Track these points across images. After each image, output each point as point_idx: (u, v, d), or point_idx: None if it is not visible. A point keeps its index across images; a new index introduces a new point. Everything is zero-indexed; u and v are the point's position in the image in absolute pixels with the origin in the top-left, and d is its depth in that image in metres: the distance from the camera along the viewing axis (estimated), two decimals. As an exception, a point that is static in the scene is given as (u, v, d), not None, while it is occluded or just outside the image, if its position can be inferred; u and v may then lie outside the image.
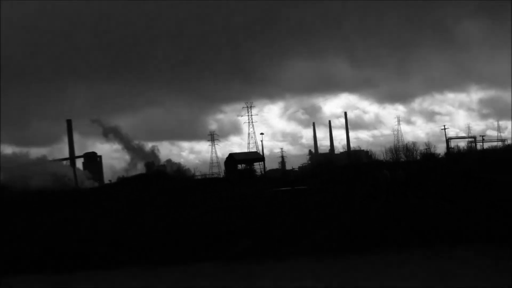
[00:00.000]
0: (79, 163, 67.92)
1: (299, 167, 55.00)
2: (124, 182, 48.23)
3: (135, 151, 65.69)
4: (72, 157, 68.49)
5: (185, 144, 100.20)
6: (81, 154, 70.31)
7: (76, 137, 67.59)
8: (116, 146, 68.44)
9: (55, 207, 36.08)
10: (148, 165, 58.68)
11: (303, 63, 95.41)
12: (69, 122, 69.88)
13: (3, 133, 76.72)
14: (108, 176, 63.95)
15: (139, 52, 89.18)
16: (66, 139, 68.30)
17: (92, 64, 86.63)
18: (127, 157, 66.88)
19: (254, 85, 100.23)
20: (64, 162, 68.22)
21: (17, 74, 77.13)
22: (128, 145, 66.85)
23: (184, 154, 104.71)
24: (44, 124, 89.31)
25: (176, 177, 48.93)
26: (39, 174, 55.46)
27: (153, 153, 64.95)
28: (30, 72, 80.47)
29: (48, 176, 55.86)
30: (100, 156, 70.99)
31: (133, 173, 56.56)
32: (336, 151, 65.56)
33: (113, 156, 75.98)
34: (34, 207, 36.30)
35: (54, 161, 65.78)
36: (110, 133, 68.40)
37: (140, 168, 60.33)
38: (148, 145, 66.84)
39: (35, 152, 70.72)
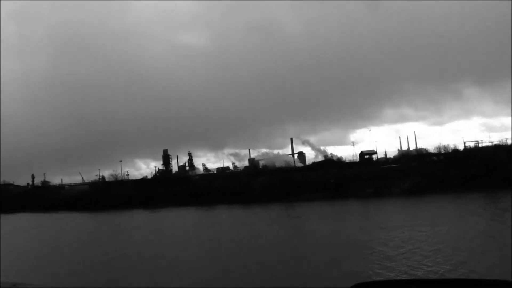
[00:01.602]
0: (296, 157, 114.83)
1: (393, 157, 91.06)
2: (315, 164, 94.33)
3: (317, 150, 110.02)
4: (293, 153, 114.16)
5: (339, 147, 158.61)
6: (296, 152, 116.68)
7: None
8: (309, 148, 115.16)
9: (284, 171, 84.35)
10: (325, 157, 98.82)
11: (390, 108, 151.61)
12: (291, 139, 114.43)
13: (266, 144, 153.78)
14: (308, 162, 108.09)
15: (313, 101, 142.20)
16: (289, 146, 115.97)
17: (295, 111, 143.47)
18: (313, 153, 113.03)
19: (370, 118, 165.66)
20: (289, 155, 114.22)
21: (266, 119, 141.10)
22: (313, 148, 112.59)
23: (339, 152, 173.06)
24: (283, 140, 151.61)
25: (337, 162, 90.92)
26: (278, 160, 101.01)
27: (325, 151, 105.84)
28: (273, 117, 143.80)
29: (283, 162, 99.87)
30: (304, 153, 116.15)
31: (317, 160, 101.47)
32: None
33: (308, 153, 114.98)
34: (277, 172, 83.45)
35: (285, 155, 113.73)
36: (305, 142, 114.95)
37: (320, 158, 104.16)
38: (322, 148, 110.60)
39: (276, 151, 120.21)
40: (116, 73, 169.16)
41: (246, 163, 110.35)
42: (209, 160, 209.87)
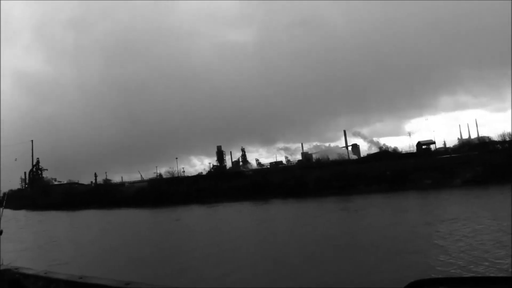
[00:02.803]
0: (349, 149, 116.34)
1: (453, 146, 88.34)
2: (370, 156, 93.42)
3: (371, 142, 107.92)
4: (346, 146, 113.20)
5: (394, 138, 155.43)
6: (350, 144, 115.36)
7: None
8: (362, 140, 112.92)
9: (339, 164, 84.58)
10: (380, 148, 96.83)
11: (446, 96, 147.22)
12: (344, 132, 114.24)
13: (317, 137, 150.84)
14: (362, 154, 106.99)
15: (364, 92, 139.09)
16: (342, 138, 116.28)
17: (346, 103, 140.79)
18: (367, 145, 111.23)
19: (425, 107, 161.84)
20: (343, 148, 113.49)
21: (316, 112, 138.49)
22: (365, 139, 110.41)
23: (394, 143, 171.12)
24: (334, 133, 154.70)
25: (393, 153, 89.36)
26: (332, 153, 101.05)
27: (378, 143, 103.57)
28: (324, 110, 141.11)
29: (336, 154, 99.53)
30: (358, 145, 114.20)
31: (371, 152, 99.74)
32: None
33: (362, 145, 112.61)
34: (331, 165, 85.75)
35: (338, 148, 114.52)
36: (358, 134, 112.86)
37: (374, 150, 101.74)
38: (375, 139, 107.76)
39: (327, 143, 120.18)
40: (167, 73, 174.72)
41: (298, 157, 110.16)
42: (261, 155, 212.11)
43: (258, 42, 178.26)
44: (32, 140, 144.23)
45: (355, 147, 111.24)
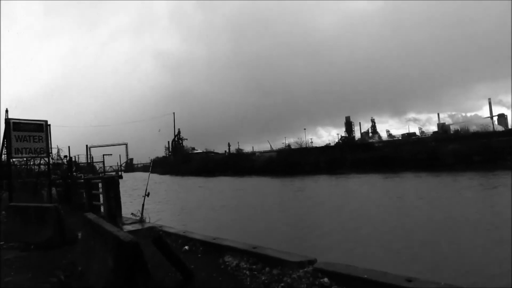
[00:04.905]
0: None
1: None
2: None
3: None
4: (491, 116, 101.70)
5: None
6: (495, 114, 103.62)
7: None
8: (505, 109, 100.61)
9: (482, 136, 75.04)
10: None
11: None
12: (489, 100, 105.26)
13: (453, 107, 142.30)
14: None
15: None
16: (485, 108, 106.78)
17: (487, 68, 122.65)
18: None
19: None
20: (487, 118, 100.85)
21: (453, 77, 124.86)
22: None
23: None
24: (474, 102, 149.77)
25: None
26: (472, 124, 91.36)
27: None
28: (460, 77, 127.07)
29: (477, 125, 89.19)
30: (506, 115, 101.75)
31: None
32: None
33: (509, 115, 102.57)
34: (472, 137, 77.45)
35: (481, 118, 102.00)
36: (502, 103, 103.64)
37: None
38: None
39: (464, 113, 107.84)
40: (294, 46, 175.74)
41: (432, 128, 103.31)
42: (391, 126, 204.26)
43: (385, 7, 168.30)
44: (174, 113, 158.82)
45: (502, 117, 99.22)
